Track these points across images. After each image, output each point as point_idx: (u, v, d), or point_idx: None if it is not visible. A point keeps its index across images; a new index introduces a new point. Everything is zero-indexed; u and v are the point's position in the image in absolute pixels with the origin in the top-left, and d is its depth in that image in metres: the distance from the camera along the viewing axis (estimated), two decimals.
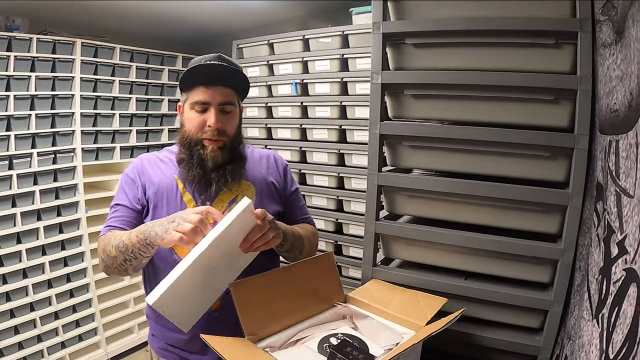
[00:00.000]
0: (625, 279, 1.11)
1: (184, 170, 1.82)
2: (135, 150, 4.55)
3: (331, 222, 3.58)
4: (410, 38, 1.88)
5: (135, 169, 1.91)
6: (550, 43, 1.66)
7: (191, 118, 1.81)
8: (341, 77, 3.38)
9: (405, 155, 1.99)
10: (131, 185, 1.87)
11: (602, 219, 1.37)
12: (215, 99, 1.79)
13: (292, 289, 1.66)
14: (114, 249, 1.68)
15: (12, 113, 3.54)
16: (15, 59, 3.53)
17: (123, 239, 1.66)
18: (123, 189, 1.88)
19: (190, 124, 1.82)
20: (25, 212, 3.69)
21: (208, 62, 1.78)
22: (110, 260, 1.72)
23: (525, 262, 1.78)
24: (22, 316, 3.72)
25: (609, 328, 1.17)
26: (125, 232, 1.70)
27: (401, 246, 2.05)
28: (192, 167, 1.79)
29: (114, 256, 1.69)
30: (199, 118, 1.79)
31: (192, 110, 1.81)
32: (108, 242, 1.72)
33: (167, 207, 1.82)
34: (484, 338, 1.84)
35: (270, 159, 2.11)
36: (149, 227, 1.60)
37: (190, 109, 1.82)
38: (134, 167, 1.92)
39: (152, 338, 2.01)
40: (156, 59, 4.71)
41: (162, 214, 1.79)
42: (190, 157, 1.80)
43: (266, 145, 3.84)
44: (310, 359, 1.46)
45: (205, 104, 1.79)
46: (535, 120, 1.74)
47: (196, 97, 1.79)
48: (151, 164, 1.92)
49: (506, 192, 1.75)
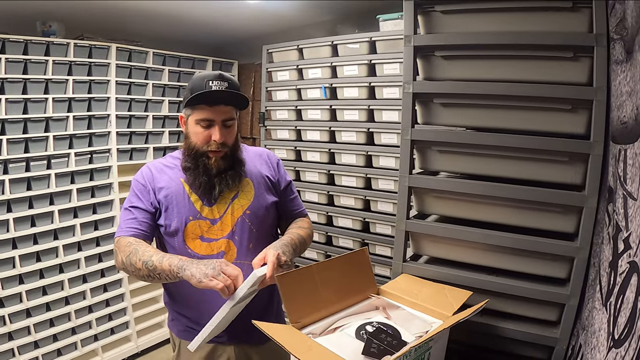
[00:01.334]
0: (628, 270, 1.22)
1: (190, 177, 2.00)
2: (168, 150, 4.65)
3: (358, 221, 3.66)
4: (439, 50, 1.98)
5: (144, 176, 2.04)
6: (568, 56, 1.74)
7: (197, 132, 1.98)
8: (369, 82, 3.46)
9: (433, 158, 2.08)
10: (143, 190, 2.01)
11: (612, 219, 1.46)
12: (219, 117, 1.96)
13: (330, 281, 1.76)
14: (141, 263, 1.80)
15: (50, 115, 3.70)
16: (53, 63, 3.67)
17: (153, 259, 1.78)
18: (135, 193, 2.01)
19: (196, 138, 1.98)
20: (63, 210, 3.85)
21: (211, 81, 1.92)
22: (132, 267, 1.85)
23: (544, 259, 1.85)
24: (57, 309, 3.87)
25: (614, 313, 1.28)
26: (154, 252, 1.84)
27: (429, 243, 2.14)
28: (199, 175, 1.98)
29: (139, 268, 1.81)
30: (204, 133, 1.96)
31: (197, 126, 1.97)
32: (134, 251, 1.84)
33: (177, 208, 1.99)
34: (504, 329, 1.92)
35: (264, 155, 2.26)
36: (183, 264, 1.72)
37: (195, 124, 1.97)
38: (143, 174, 2.06)
39: (172, 323, 2.16)
40: (187, 63, 4.83)
41: (174, 214, 1.98)
42: (196, 166, 1.98)
43: (296, 147, 3.94)
44: (349, 344, 1.55)
45: (210, 121, 1.95)
46: (554, 128, 1.82)
47: (202, 115, 1.95)
48: (158, 170, 2.07)
49: (527, 194, 1.83)
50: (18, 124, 3.53)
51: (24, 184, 3.62)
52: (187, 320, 2.07)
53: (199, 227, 1.99)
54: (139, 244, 1.88)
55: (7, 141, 3.46)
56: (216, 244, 2.00)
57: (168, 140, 4.67)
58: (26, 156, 3.58)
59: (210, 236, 2.00)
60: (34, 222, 3.71)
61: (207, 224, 2.00)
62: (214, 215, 2.01)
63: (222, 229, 2.01)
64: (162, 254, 1.81)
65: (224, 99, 1.96)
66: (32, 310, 3.71)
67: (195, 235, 1.98)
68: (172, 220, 1.97)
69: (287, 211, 2.27)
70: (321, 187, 3.85)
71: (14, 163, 3.53)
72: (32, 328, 3.70)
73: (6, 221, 3.51)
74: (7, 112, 3.44)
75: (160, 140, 4.64)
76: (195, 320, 2.03)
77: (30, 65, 3.56)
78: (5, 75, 3.41)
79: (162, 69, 4.58)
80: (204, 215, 2.00)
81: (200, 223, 1.99)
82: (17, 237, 3.59)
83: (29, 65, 3.56)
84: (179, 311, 2.10)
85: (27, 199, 3.65)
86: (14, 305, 3.61)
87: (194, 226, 1.98)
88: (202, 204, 2.00)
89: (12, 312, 3.57)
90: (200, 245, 1.99)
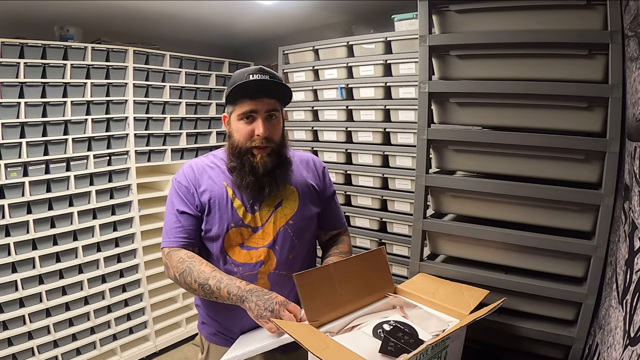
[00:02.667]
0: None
1: (237, 178, 1.94)
2: (185, 152, 4.73)
3: (375, 220, 3.67)
4: (455, 50, 1.98)
5: (187, 177, 2.00)
6: (583, 54, 1.74)
7: (239, 128, 1.92)
8: (385, 82, 3.48)
9: (450, 158, 2.09)
10: (186, 193, 1.97)
11: (628, 217, 1.46)
12: (262, 109, 1.89)
13: (348, 280, 1.77)
14: (197, 285, 1.83)
15: (69, 118, 3.74)
16: (71, 67, 3.71)
17: (210, 283, 1.80)
18: (179, 195, 1.98)
19: (239, 134, 1.93)
20: (82, 211, 3.90)
21: (251, 75, 1.87)
22: (186, 286, 1.88)
23: (561, 258, 1.85)
24: (76, 309, 3.92)
25: (631, 311, 1.27)
26: (209, 272, 1.83)
27: (446, 242, 2.15)
28: (245, 175, 1.91)
29: (194, 289, 1.85)
30: (247, 128, 1.91)
31: (240, 121, 1.92)
32: (188, 271, 1.85)
33: (219, 213, 1.94)
34: (521, 329, 1.92)
35: (310, 162, 2.21)
36: (243, 295, 1.75)
37: (238, 120, 1.92)
38: (185, 173, 2.01)
39: (202, 326, 2.17)
40: (204, 65, 4.86)
41: (215, 220, 1.95)
42: (242, 165, 1.92)
43: (312, 148, 3.95)
44: (366, 342, 1.55)
45: (252, 114, 1.90)
46: (570, 126, 1.81)
47: (243, 109, 1.89)
48: (200, 170, 2.02)
49: (543, 193, 1.83)
50: (37, 127, 3.57)
51: (43, 186, 3.65)
52: (217, 324, 2.07)
53: (239, 235, 1.96)
54: (191, 260, 1.88)
55: (27, 144, 3.49)
56: (256, 252, 1.96)
57: (185, 142, 4.70)
58: (46, 158, 3.63)
59: (250, 244, 1.97)
60: (53, 223, 3.74)
61: (248, 232, 1.96)
62: (256, 223, 1.97)
63: (263, 238, 1.97)
64: (218, 277, 1.81)
65: (266, 90, 1.90)
66: (51, 310, 3.75)
67: (235, 243, 1.96)
68: (214, 225, 1.95)
69: (327, 222, 2.23)
70: (338, 187, 3.84)
71: (33, 165, 3.57)
72: (51, 327, 3.74)
73: (26, 222, 3.55)
74: (26, 115, 3.48)
75: (178, 142, 4.66)
76: (225, 326, 2.04)
77: (48, 69, 3.60)
78: (24, 79, 3.45)
79: (179, 72, 4.61)
80: (246, 223, 1.96)
81: (242, 230, 1.96)
82: (37, 238, 3.63)
83: (48, 70, 3.60)
84: (210, 315, 2.09)
85: (47, 201, 3.68)
86: (34, 305, 3.65)
87: (235, 233, 1.95)
88: (244, 210, 1.96)
89: (32, 311, 3.61)
90: (239, 252, 1.96)
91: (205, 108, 4.91)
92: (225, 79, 5.01)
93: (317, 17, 4.42)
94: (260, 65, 1.95)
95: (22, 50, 3.45)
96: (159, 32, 4.62)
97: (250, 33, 4.94)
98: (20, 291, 3.53)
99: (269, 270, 1.96)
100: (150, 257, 4.43)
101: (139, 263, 4.35)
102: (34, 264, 3.61)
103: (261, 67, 1.92)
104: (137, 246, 4.33)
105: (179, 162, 4.65)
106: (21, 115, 3.45)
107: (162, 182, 4.62)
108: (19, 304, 3.58)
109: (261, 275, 1.96)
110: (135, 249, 4.34)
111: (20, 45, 3.43)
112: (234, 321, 1.97)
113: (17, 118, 3.45)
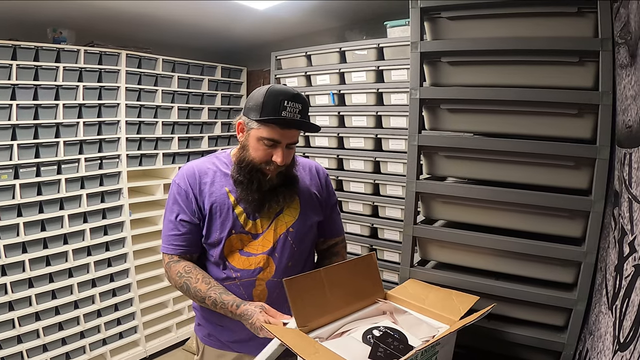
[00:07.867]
0: (634, 274, 1.22)
1: (242, 193, 1.92)
2: (177, 156, 4.72)
3: (366, 227, 3.66)
4: (446, 57, 2.00)
5: (186, 179, 1.97)
6: (574, 61, 1.75)
7: (258, 148, 1.86)
8: (377, 88, 3.47)
9: (440, 164, 2.10)
10: (184, 197, 1.95)
11: (617, 223, 1.47)
12: (285, 140, 1.85)
13: (338, 286, 1.77)
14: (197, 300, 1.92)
15: (61, 120, 3.72)
16: (64, 69, 3.70)
17: (212, 297, 1.86)
18: (177, 200, 1.97)
19: (256, 154, 1.87)
20: (73, 215, 3.87)
21: (286, 102, 1.79)
22: (190, 296, 1.94)
23: (551, 264, 1.86)
24: (66, 313, 3.90)
25: (620, 317, 1.28)
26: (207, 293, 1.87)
27: (436, 248, 2.15)
28: (251, 191, 1.90)
29: (199, 301, 1.91)
30: (266, 151, 1.85)
31: (260, 142, 1.85)
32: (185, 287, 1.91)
33: (220, 220, 1.94)
34: (511, 334, 1.92)
35: (313, 170, 2.21)
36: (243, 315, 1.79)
37: (258, 140, 1.85)
38: (185, 176, 1.98)
39: (198, 327, 2.17)
40: (196, 69, 4.86)
41: (216, 226, 1.94)
42: (250, 181, 1.89)
43: (304, 153, 3.94)
44: (356, 348, 1.55)
45: (275, 142, 1.84)
46: (561, 132, 1.83)
47: (269, 135, 1.82)
48: (202, 174, 1.99)
49: (534, 199, 1.84)
50: (29, 129, 3.55)
51: (34, 189, 3.63)
52: (212, 327, 2.08)
53: (240, 241, 1.96)
54: (188, 277, 1.92)
55: (18, 146, 3.48)
56: (255, 259, 1.96)
57: (177, 146, 4.68)
58: (37, 161, 3.60)
59: (250, 250, 1.97)
60: (44, 226, 3.72)
61: (248, 238, 1.96)
62: (256, 229, 1.97)
63: (263, 245, 1.97)
64: (213, 299, 1.86)
65: (297, 124, 1.87)
66: (41, 314, 3.73)
67: (235, 249, 1.96)
68: (214, 231, 1.95)
69: (326, 230, 2.22)
70: None
71: (24, 168, 3.55)
72: (41, 331, 3.72)
73: (16, 225, 3.52)
74: (18, 117, 3.46)
75: (170, 146, 4.65)
76: (218, 328, 2.06)
77: (41, 71, 3.59)
78: (16, 81, 3.44)
79: (172, 76, 4.60)
80: (247, 229, 1.96)
81: (242, 237, 1.96)
82: (27, 241, 3.60)
83: (40, 72, 3.58)
84: (205, 317, 2.10)
85: (38, 204, 3.66)
86: (24, 308, 3.62)
87: (236, 240, 1.95)
88: (245, 217, 1.95)
89: (22, 315, 3.59)
90: (239, 258, 1.96)
91: (198, 113, 4.89)
92: (217, 84, 5.03)
93: (310, 23, 4.42)
94: (296, 91, 1.86)
95: (14, 52, 3.44)
96: (152, 36, 4.61)
97: (244, 38, 4.93)
98: (9, 294, 3.50)
99: (268, 277, 1.97)
100: (140, 262, 4.42)
101: (129, 267, 4.33)
102: (24, 267, 3.58)
103: (296, 93, 1.85)
104: (127, 250, 4.31)
105: (170, 167, 4.66)
106: (13, 117, 3.43)
107: (153, 187, 4.59)
108: (8, 307, 3.56)
109: (259, 282, 1.96)
110: (125, 253, 4.32)
111: (12, 47, 3.42)
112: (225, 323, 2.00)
113: (9, 120, 3.43)
